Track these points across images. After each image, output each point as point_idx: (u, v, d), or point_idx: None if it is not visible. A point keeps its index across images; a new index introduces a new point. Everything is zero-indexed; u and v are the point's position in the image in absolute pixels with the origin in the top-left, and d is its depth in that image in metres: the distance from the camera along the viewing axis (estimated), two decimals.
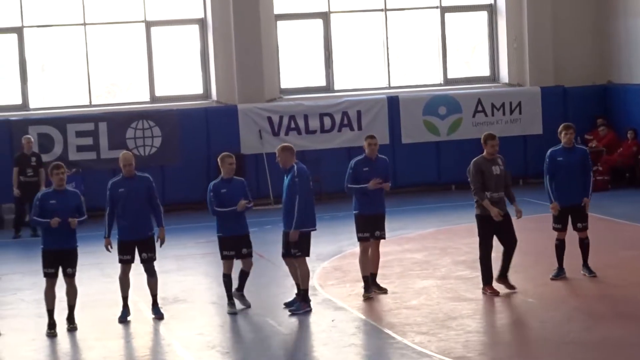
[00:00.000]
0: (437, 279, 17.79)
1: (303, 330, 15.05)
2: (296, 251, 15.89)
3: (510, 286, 16.39)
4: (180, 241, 21.65)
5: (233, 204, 15.88)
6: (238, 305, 16.06)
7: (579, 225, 17.20)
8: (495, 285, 16.30)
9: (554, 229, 17.21)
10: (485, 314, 15.36)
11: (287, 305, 16.02)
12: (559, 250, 17.23)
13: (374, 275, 16.81)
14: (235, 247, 16.10)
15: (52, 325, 15.43)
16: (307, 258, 15.98)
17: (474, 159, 16.57)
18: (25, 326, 15.90)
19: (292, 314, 15.70)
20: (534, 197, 23.44)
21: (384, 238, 16.89)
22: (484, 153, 16.44)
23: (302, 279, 15.97)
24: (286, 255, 16.05)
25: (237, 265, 16.12)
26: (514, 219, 16.35)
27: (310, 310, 15.80)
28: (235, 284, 16.14)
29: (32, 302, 17.22)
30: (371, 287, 16.60)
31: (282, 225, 16.00)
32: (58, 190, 15.60)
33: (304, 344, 14.53)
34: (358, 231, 16.67)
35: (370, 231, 16.60)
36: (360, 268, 16.71)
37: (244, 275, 16.24)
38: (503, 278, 16.45)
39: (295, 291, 16.08)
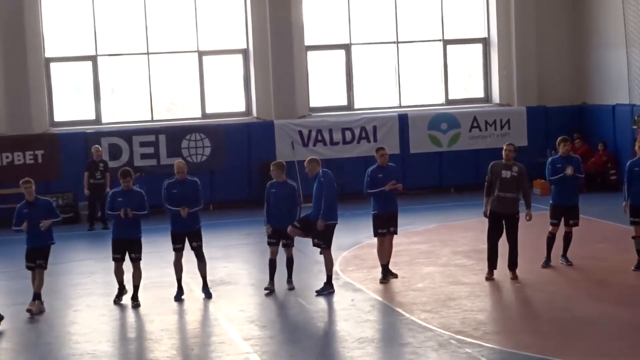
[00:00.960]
0: (439, 266, 17.73)
1: (327, 308, 15.01)
2: (321, 243, 15.88)
3: (513, 276, 16.25)
4: (225, 233, 21.66)
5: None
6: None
7: (571, 222, 17.16)
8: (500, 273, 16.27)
9: (551, 224, 17.14)
10: (479, 296, 15.28)
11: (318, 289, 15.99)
12: (550, 242, 17.16)
13: (387, 263, 16.75)
14: (279, 236, 16.10)
15: (121, 292, 15.73)
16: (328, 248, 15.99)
17: (494, 161, 16.56)
18: (97, 303, 15.91)
19: (318, 294, 15.67)
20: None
21: (396, 233, 16.82)
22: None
23: (326, 266, 15.94)
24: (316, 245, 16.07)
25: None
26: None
27: (333, 291, 15.77)
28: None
29: (103, 283, 17.25)
30: (387, 274, 16.55)
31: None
32: (125, 190, 15.69)
33: (328, 319, 14.49)
34: (377, 228, 16.59)
35: (387, 227, 16.55)
36: (378, 257, 16.67)
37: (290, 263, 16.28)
38: (510, 269, 16.33)
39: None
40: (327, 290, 15.74)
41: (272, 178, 16.29)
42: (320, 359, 12.28)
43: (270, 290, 16.08)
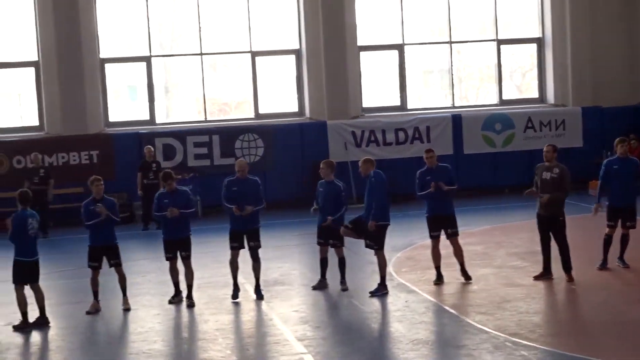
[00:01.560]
0: (493, 267, 17.62)
1: (381, 309, 14.97)
2: (373, 244, 15.86)
3: (569, 279, 16.09)
4: (278, 234, 21.69)
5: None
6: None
7: (628, 224, 16.94)
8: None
9: (608, 225, 16.94)
10: (534, 298, 15.15)
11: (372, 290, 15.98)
12: (606, 244, 16.94)
13: (462, 265, 16.55)
14: (326, 236, 16.12)
15: (176, 294, 15.80)
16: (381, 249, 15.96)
17: (540, 163, 16.43)
18: (152, 303, 16.00)
19: (372, 295, 15.64)
20: (577, 200, 23.11)
21: (456, 235, 16.55)
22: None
23: (380, 267, 15.91)
24: (368, 247, 16.05)
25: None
26: None
27: (387, 292, 15.73)
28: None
29: (158, 283, 17.34)
30: (441, 277, 16.45)
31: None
32: (169, 191, 15.80)
33: (381, 320, 14.45)
34: (429, 230, 16.54)
35: (439, 230, 16.45)
36: (432, 260, 16.60)
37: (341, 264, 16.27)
38: (565, 271, 16.18)
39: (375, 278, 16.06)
40: (381, 291, 15.71)
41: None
42: None
43: (318, 287, 16.12)
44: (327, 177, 16.25)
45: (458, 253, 16.54)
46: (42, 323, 14.64)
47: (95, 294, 15.52)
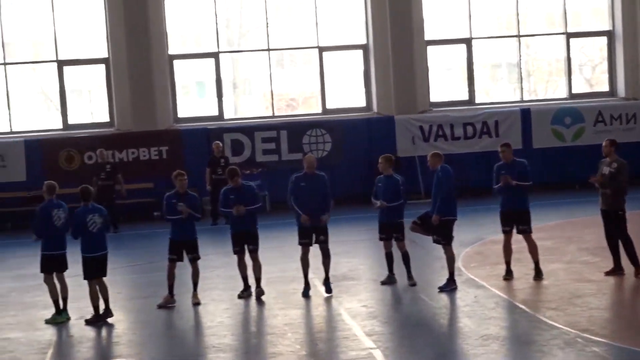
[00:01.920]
0: (563, 263, 17.44)
1: (450, 304, 14.90)
2: (440, 239, 15.79)
3: (638, 272, 15.87)
4: (346, 228, 21.70)
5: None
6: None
7: None
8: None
9: None
10: (606, 294, 14.97)
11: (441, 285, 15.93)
12: None
13: (536, 263, 16.33)
14: (388, 231, 16.11)
15: (245, 288, 15.86)
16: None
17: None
18: (222, 297, 16.09)
19: (441, 290, 15.58)
20: None
21: (528, 232, 16.31)
22: None
23: (448, 262, 15.84)
24: (436, 242, 15.99)
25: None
26: None
27: (456, 288, 15.66)
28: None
29: (226, 277, 17.44)
30: (510, 272, 16.31)
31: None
32: (235, 187, 15.86)
33: (451, 315, 14.38)
34: (501, 225, 16.41)
35: (510, 225, 16.30)
36: (503, 254, 16.46)
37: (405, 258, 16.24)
38: (633, 265, 15.95)
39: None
40: (450, 286, 15.63)
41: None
42: (444, 356, 12.19)
43: (387, 282, 16.13)
44: (385, 171, 16.24)
45: (532, 250, 16.33)
46: (108, 315, 14.83)
47: (170, 288, 15.64)
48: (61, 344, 13.86)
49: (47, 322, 14.79)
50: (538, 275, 16.18)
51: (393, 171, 16.34)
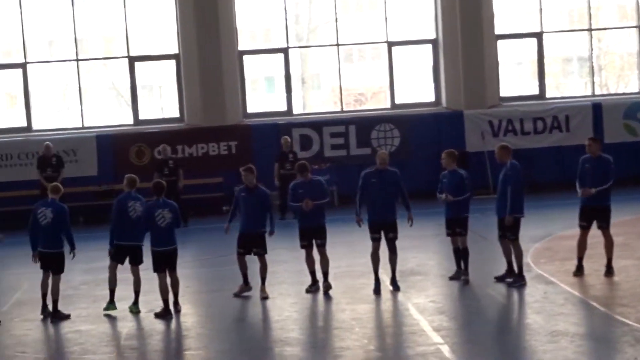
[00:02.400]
0: (635, 259, 17.18)
1: (519, 300, 14.78)
2: (510, 234, 15.65)
3: None
4: (415, 224, 21.54)
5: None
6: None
7: None
8: None
9: None
10: None
11: (497, 279, 15.78)
12: None
13: (609, 260, 16.06)
14: (453, 226, 16.07)
15: (313, 283, 15.88)
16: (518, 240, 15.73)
17: None
18: (289, 291, 16.13)
19: (510, 286, 15.45)
20: None
21: (603, 229, 16.09)
22: None
23: (516, 258, 15.70)
24: (501, 237, 15.84)
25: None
26: None
27: (525, 283, 15.51)
28: None
29: (294, 272, 17.47)
30: (581, 268, 16.10)
31: (496, 212, 15.79)
32: (306, 181, 15.86)
33: (519, 311, 14.26)
34: (579, 219, 16.18)
35: (588, 221, 16.09)
36: (577, 250, 16.23)
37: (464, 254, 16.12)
38: None
39: (506, 267, 15.84)
40: (518, 282, 15.49)
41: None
42: (512, 352, 12.09)
43: (455, 278, 16.05)
44: (449, 166, 16.15)
45: (608, 246, 16.06)
46: (177, 309, 14.96)
47: (244, 277, 15.79)
48: (131, 336, 14.00)
49: (105, 309, 14.99)
50: (609, 272, 15.95)
51: (457, 166, 16.23)
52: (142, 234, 15.24)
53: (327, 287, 15.78)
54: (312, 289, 15.92)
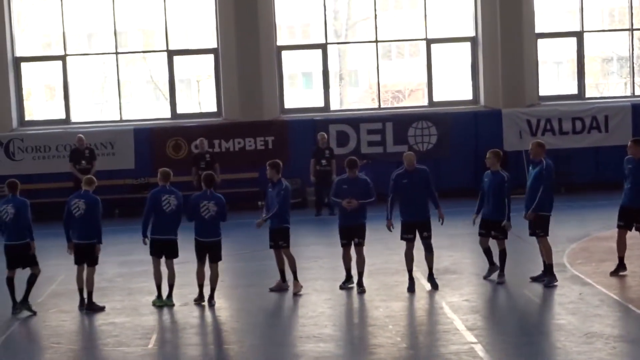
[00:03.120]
0: None
1: (554, 300, 14.71)
2: (539, 231, 15.60)
3: None
4: (451, 222, 21.48)
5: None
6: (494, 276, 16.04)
7: None
8: None
9: None
10: None
11: (533, 279, 15.72)
12: None
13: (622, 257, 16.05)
14: (488, 228, 15.99)
15: (348, 279, 15.86)
16: (549, 238, 15.69)
17: None
18: (324, 288, 16.15)
19: (545, 286, 15.38)
20: None
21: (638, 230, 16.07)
22: None
23: (546, 254, 15.64)
24: (532, 234, 15.82)
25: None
26: None
27: (556, 283, 15.41)
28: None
29: (329, 268, 17.48)
30: (622, 267, 16.00)
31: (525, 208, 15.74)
32: (351, 178, 15.80)
33: (555, 312, 14.19)
34: (618, 219, 16.12)
35: (627, 221, 16.01)
36: (617, 250, 16.13)
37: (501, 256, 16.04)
38: None
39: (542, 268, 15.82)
40: (549, 280, 15.42)
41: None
42: (546, 353, 12.05)
43: (488, 276, 15.98)
44: (493, 166, 16.05)
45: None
46: (211, 304, 15.09)
47: (281, 273, 15.86)
48: (165, 329, 14.09)
49: (154, 303, 15.12)
50: (617, 270, 15.88)
51: (500, 167, 16.16)
52: (177, 226, 15.34)
53: (362, 291, 15.64)
54: (347, 285, 15.90)
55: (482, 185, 16.16)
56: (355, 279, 15.92)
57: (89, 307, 15.03)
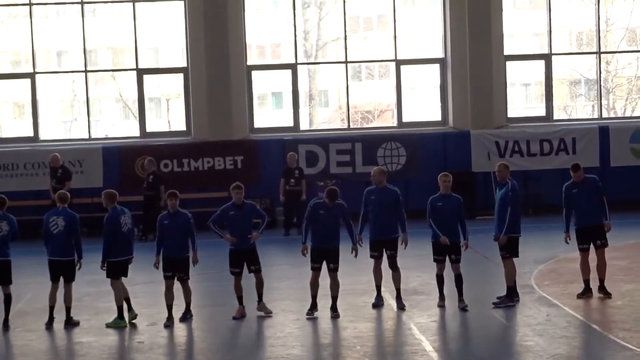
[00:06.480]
0: (639, 283, 17.14)
1: (521, 322, 14.74)
2: (504, 253, 15.64)
3: None
4: (418, 243, 21.55)
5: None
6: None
7: None
8: None
9: None
10: None
11: (496, 304, 15.73)
12: None
13: (601, 280, 16.07)
14: (443, 252, 15.85)
15: (314, 306, 15.50)
16: (517, 259, 15.77)
17: None
18: (292, 308, 16.11)
19: (496, 306, 15.39)
20: None
21: (606, 246, 16.17)
22: None
23: (508, 276, 15.68)
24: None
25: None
26: None
27: (513, 305, 15.41)
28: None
29: (298, 289, 17.40)
30: (588, 290, 16.05)
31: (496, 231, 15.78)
32: (327, 204, 15.40)
33: (522, 333, 14.21)
34: (578, 243, 16.19)
35: (588, 242, 16.10)
36: (581, 273, 16.20)
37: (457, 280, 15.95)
38: None
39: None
40: (504, 302, 15.44)
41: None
42: None
43: (441, 306, 15.77)
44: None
45: (602, 266, 16.11)
46: (188, 318, 15.11)
47: (239, 299, 15.67)
48: (131, 349, 13.99)
49: (108, 325, 15.01)
50: (605, 293, 15.93)
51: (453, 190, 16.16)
52: (131, 247, 15.42)
53: (336, 316, 15.28)
54: (312, 313, 15.40)
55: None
56: (328, 303, 15.65)
57: (67, 323, 14.97)
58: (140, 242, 20.52)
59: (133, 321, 15.20)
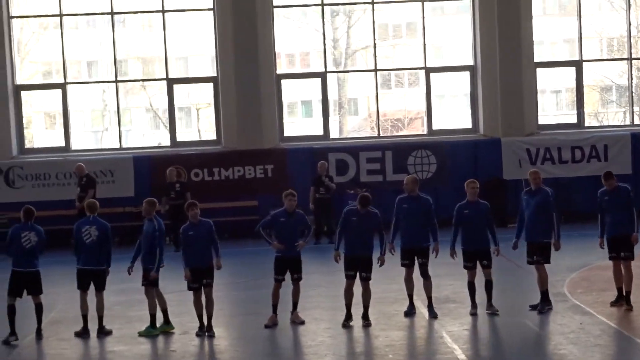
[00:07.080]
0: None
1: (555, 330, 14.64)
2: (540, 258, 15.60)
3: None
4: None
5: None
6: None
7: None
8: None
9: None
10: None
11: (532, 307, 15.69)
12: None
13: (627, 293, 15.80)
14: (473, 259, 15.85)
15: (349, 317, 15.35)
16: (548, 267, 15.79)
17: None
18: (323, 316, 16.07)
19: (539, 312, 15.33)
20: None
21: (631, 259, 15.87)
22: None
23: (541, 282, 15.67)
24: (532, 262, 15.82)
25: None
26: None
27: (551, 308, 15.35)
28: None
29: (329, 297, 17.38)
30: (621, 298, 15.91)
31: (527, 236, 15.69)
32: (359, 211, 15.36)
33: (556, 341, 14.10)
34: (608, 251, 16.05)
35: (615, 251, 15.96)
36: (614, 281, 16.03)
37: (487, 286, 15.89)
38: None
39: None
40: (544, 306, 15.41)
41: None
42: None
43: (473, 314, 15.69)
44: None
45: (627, 279, 15.91)
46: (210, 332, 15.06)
47: (274, 307, 15.61)
48: (163, 357, 14.00)
49: (140, 334, 15.03)
50: (617, 300, 15.80)
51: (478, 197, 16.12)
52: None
53: (367, 324, 15.18)
54: (348, 323, 15.29)
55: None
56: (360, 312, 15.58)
57: (100, 331, 15.02)
58: (171, 252, 20.47)
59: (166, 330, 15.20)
